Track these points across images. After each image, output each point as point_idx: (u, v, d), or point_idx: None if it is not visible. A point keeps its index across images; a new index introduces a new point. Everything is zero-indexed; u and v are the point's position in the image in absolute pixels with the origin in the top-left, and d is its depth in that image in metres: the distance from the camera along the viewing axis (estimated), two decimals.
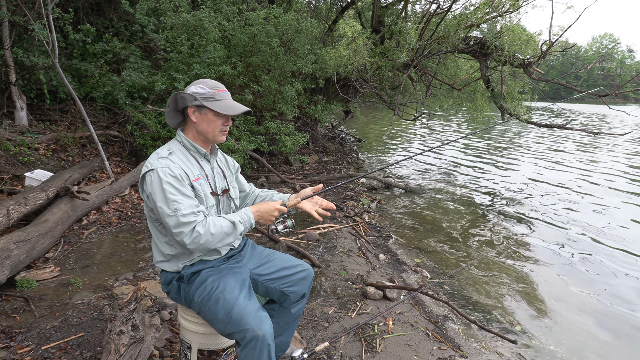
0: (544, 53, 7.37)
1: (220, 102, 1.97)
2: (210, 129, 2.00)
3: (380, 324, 3.19)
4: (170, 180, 1.85)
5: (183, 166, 1.93)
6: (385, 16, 9.70)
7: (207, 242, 1.86)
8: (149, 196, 1.89)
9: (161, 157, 1.92)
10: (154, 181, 1.85)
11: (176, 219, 1.82)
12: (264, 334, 1.79)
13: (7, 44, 6.01)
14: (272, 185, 7.34)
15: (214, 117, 1.99)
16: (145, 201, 1.95)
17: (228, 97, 2.02)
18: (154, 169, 1.87)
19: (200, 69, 6.40)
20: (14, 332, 2.73)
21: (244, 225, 1.98)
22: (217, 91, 1.98)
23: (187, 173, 1.92)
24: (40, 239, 3.73)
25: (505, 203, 7.63)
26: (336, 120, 14.77)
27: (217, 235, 1.88)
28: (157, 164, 1.88)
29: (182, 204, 1.84)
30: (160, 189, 1.84)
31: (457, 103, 9.98)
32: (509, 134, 19.42)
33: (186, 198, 1.87)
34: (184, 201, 1.85)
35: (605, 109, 47.05)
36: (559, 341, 3.48)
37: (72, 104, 7.21)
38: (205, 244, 1.86)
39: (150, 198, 1.88)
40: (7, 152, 5.41)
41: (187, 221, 1.83)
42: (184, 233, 1.83)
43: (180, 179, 1.88)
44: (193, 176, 1.95)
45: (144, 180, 1.90)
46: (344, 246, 4.78)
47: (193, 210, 1.86)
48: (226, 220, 1.93)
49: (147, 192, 1.90)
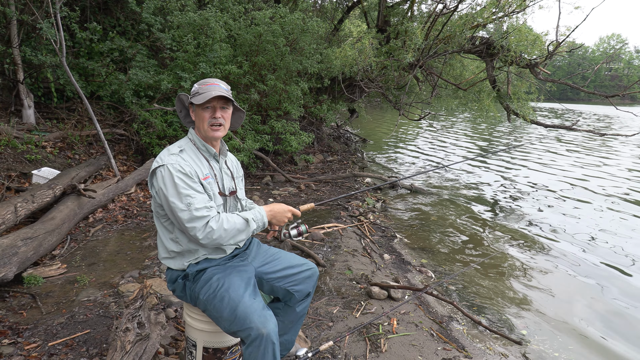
0: (551, 53, 7.33)
1: (202, 94, 1.96)
2: (201, 125, 2.02)
3: (384, 324, 3.19)
4: (181, 176, 1.86)
5: (193, 164, 1.94)
6: (391, 16, 9.69)
7: (219, 237, 1.87)
8: (158, 191, 1.90)
9: (172, 153, 1.93)
10: (165, 176, 1.86)
11: (189, 213, 1.83)
12: (269, 333, 1.79)
13: (15, 43, 6.06)
14: (277, 184, 7.35)
15: (201, 112, 2.00)
16: (154, 197, 1.95)
17: (213, 88, 1.97)
18: (164, 164, 1.88)
19: (206, 68, 6.42)
20: (21, 329, 2.75)
21: (257, 224, 2.00)
22: (202, 85, 1.99)
23: (196, 171, 1.93)
24: (47, 236, 3.76)
25: (511, 204, 7.60)
26: (341, 120, 14.77)
27: (230, 232, 1.89)
28: (168, 160, 1.89)
29: (195, 199, 1.85)
30: (172, 184, 1.85)
31: (463, 103, 9.94)
32: (516, 135, 19.33)
33: (199, 193, 1.89)
34: (197, 196, 1.87)
35: (606, 109, 46.78)
36: (564, 344, 3.46)
37: (79, 102, 7.26)
38: (218, 239, 1.87)
39: (160, 193, 1.89)
40: (15, 149, 5.45)
41: (201, 215, 1.84)
42: (197, 228, 1.84)
43: (191, 176, 1.89)
44: (202, 175, 1.96)
45: (154, 175, 1.91)
46: (348, 246, 4.78)
47: (206, 205, 1.88)
48: (240, 217, 1.95)
49: (156, 187, 1.90)
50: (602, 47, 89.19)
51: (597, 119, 32.36)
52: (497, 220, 6.58)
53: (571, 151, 14.28)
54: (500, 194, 8.36)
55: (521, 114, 8.13)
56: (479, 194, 8.29)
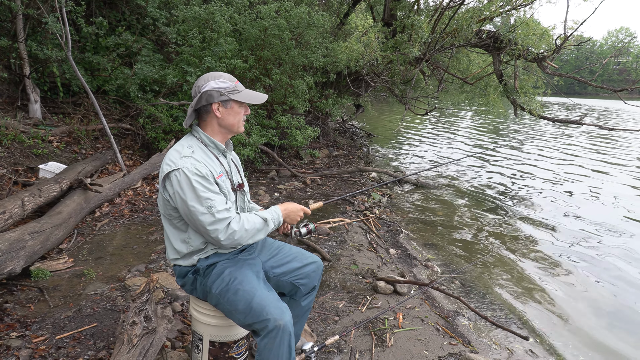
0: (559, 47, 7.25)
1: (242, 92, 2.01)
2: (235, 121, 2.03)
3: (390, 319, 3.19)
4: (198, 179, 1.83)
5: (206, 164, 1.91)
6: (397, 10, 9.63)
7: (240, 237, 1.88)
8: (173, 195, 1.86)
9: (184, 155, 1.88)
10: (182, 180, 1.82)
11: (211, 217, 1.82)
12: (286, 324, 1.80)
13: (21, 37, 6.07)
14: (282, 179, 7.34)
15: (239, 109, 2.02)
16: (167, 200, 1.91)
17: (254, 93, 2.06)
18: (179, 168, 1.83)
19: (211, 62, 6.41)
20: (29, 322, 2.77)
21: (274, 223, 2.02)
22: (236, 82, 2.01)
23: (211, 171, 1.91)
24: (54, 230, 3.78)
25: (518, 199, 7.56)
26: (347, 115, 14.73)
27: (250, 232, 1.91)
28: (182, 163, 1.84)
29: (215, 201, 1.84)
30: (190, 188, 1.82)
31: (469, 97, 9.87)
32: (523, 129, 19.20)
33: (217, 195, 1.87)
34: (216, 198, 1.86)
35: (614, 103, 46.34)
36: (570, 340, 3.44)
37: (85, 97, 7.26)
38: (239, 239, 1.88)
39: (176, 197, 1.85)
40: (22, 144, 5.48)
41: (222, 217, 1.84)
42: (219, 230, 1.84)
43: (208, 178, 1.86)
44: (216, 174, 1.94)
45: (169, 179, 1.87)
46: (354, 240, 4.77)
47: (226, 207, 1.87)
48: (258, 217, 1.96)
49: (171, 191, 1.87)
50: (611, 40, 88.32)
51: (605, 114, 32.08)
52: (505, 215, 6.54)
53: (585, 147, 14.18)
54: (508, 188, 8.32)
55: (528, 108, 8.07)
56: (487, 188, 8.25)
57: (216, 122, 2.01)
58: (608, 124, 21.45)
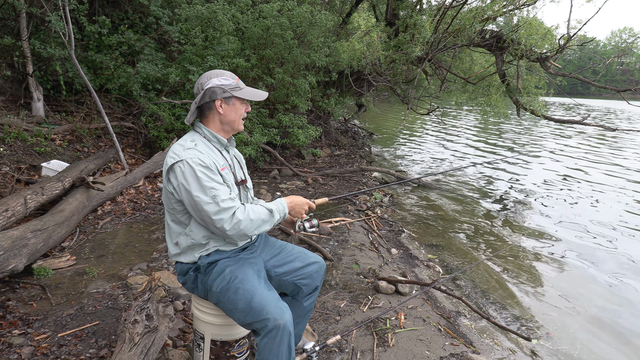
0: (562, 47, 7.23)
1: (244, 89, 2.05)
2: (236, 118, 2.05)
3: (392, 319, 3.19)
4: (202, 169, 1.85)
5: (210, 156, 1.93)
6: (400, 9, 9.60)
7: (246, 227, 1.87)
8: (178, 187, 1.88)
9: (187, 148, 1.90)
10: (186, 171, 1.84)
11: (216, 206, 1.83)
12: (285, 323, 1.80)
13: (24, 36, 6.08)
14: (284, 178, 7.34)
15: (240, 106, 2.05)
16: (172, 193, 1.92)
17: (255, 90, 2.11)
18: (182, 159, 1.85)
19: (214, 61, 6.42)
20: (31, 319, 2.78)
21: (280, 214, 2.02)
22: (238, 80, 2.05)
23: (214, 162, 1.92)
24: (57, 228, 3.78)
25: (520, 198, 7.54)
26: (349, 114, 14.72)
27: (255, 222, 1.90)
28: (186, 154, 1.87)
29: (219, 190, 1.85)
30: (194, 178, 1.83)
31: (472, 97, 9.84)
32: (526, 129, 19.16)
33: (221, 185, 1.88)
34: (220, 187, 1.86)
35: (617, 104, 46.18)
36: (574, 341, 3.43)
37: (87, 95, 7.28)
38: (245, 229, 1.87)
39: (181, 188, 1.86)
40: (25, 142, 5.49)
41: (227, 207, 1.84)
42: (224, 219, 1.84)
43: (211, 168, 1.88)
44: (220, 165, 1.95)
45: (173, 171, 1.88)
46: (356, 240, 4.77)
47: (230, 196, 1.88)
48: (263, 208, 1.96)
49: (175, 183, 1.88)
50: (614, 40, 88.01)
51: (608, 113, 31.98)
52: (507, 216, 6.53)
53: (588, 147, 14.15)
54: (511, 189, 8.30)
55: (530, 108, 8.04)
56: (489, 188, 8.24)
57: (218, 118, 2.03)
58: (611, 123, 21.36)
